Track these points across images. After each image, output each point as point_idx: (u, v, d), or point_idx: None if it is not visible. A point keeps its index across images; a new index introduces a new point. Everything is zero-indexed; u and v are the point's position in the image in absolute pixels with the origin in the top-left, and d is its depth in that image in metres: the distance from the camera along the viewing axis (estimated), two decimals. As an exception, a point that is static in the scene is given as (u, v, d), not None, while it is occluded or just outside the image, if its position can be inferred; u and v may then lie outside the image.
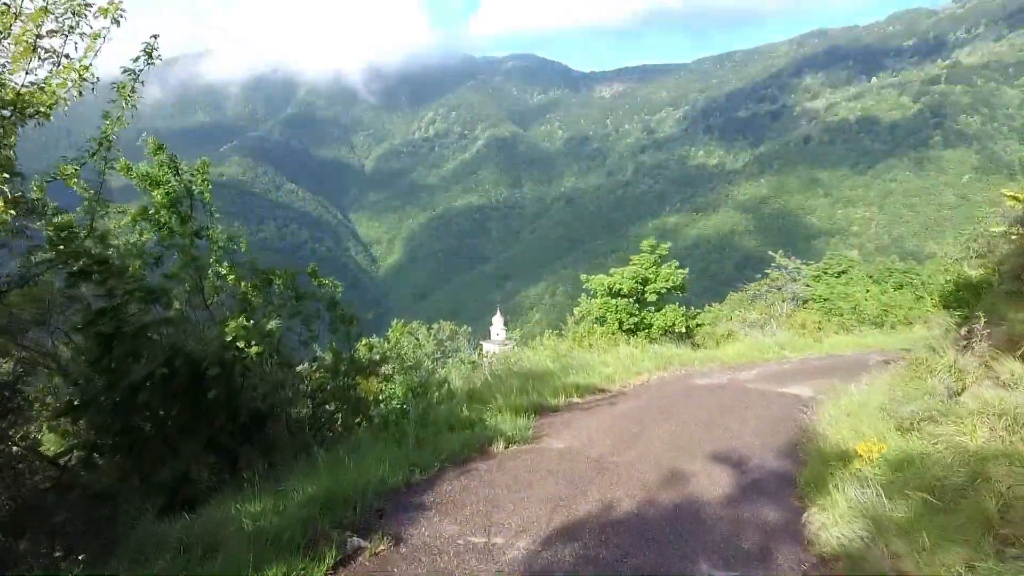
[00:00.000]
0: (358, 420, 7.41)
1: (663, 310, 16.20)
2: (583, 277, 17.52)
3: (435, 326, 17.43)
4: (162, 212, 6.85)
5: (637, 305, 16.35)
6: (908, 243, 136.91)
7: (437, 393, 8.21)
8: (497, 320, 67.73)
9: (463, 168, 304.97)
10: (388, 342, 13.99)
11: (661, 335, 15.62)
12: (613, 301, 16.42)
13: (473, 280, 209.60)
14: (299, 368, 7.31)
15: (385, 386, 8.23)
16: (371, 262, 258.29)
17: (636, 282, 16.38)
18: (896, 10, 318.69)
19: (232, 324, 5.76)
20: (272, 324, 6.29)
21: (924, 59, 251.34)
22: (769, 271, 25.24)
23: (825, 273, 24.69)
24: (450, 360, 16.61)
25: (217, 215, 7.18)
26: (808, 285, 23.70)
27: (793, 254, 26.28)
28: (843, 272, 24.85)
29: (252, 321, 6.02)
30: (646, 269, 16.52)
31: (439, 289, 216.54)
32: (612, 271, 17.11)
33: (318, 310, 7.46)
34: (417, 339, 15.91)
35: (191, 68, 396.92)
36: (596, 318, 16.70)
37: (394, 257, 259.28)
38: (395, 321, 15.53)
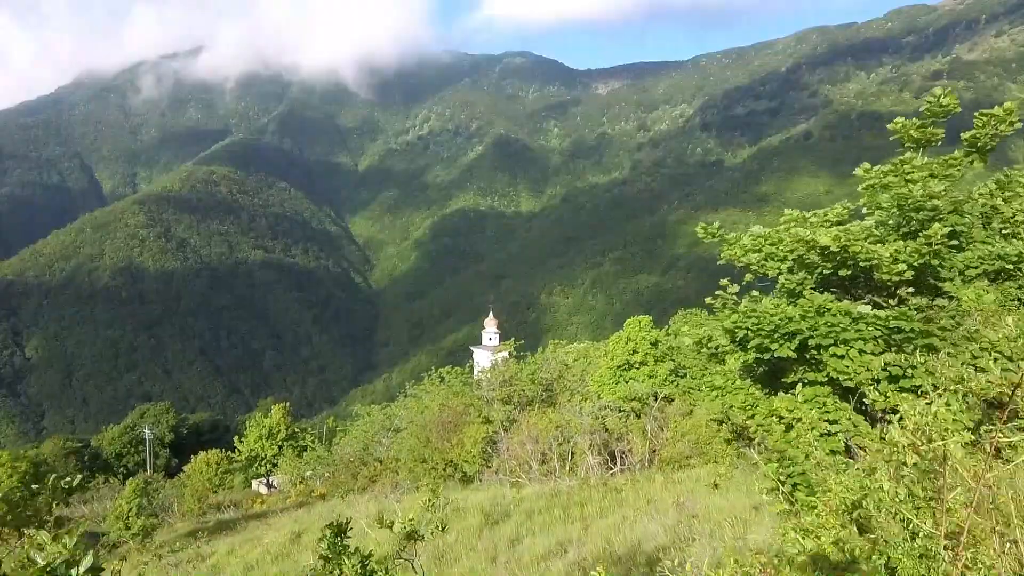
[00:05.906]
0: None
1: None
2: (700, 229, 8.42)
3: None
4: None
5: (900, 320, 6.49)
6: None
7: None
8: (490, 323, 63.38)
9: (459, 166, 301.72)
10: None
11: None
12: (838, 316, 6.60)
13: (468, 280, 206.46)
14: None
15: None
16: (364, 261, 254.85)
17: (925, 244, 6.47)
18: (895, 6, 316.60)
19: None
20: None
21: (924, 55, 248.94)
22: None
23: None
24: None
25: None
26: None
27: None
28: None
29: None
30: (943, 191, 6.37)
31: (433, 289, 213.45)
32: (810, 216, 7.58)
33: None
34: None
35: (185, 64, 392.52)
36: (760, 359, 6.92)
37: (388, 257, 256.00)
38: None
